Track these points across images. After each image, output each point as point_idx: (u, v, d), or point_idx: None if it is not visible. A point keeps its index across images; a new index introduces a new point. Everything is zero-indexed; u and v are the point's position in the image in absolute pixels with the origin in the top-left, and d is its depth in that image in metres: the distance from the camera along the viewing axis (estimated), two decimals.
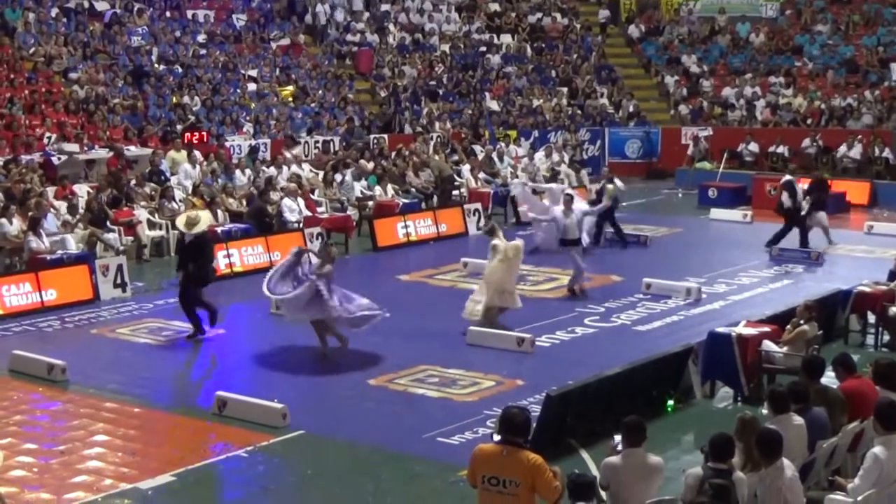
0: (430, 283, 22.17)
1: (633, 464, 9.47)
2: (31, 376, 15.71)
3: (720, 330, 15.48)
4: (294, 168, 28.16)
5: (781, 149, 34.87)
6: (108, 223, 23.03)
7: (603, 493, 9.51)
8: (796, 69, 39.22)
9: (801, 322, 15.12)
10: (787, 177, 25.82)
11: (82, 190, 24.72)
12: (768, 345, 14.97)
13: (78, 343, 17.72)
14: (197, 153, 27.45)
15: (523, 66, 39.80)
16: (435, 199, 29.13)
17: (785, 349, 14.93)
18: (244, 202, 25.52)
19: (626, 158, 37.39)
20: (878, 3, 41.19)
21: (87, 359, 16.64)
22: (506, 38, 41.31)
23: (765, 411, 10.70)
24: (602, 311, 19.37)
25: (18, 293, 19.41)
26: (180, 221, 18.35)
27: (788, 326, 15.18)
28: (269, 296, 16.97)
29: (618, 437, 9.70)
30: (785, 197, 24.65)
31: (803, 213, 24.77)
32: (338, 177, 27.91)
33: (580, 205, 21.93)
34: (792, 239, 24.48)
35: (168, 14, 36.37)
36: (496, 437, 8.85)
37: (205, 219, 18.54)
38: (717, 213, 29.53)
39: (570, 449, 12.71)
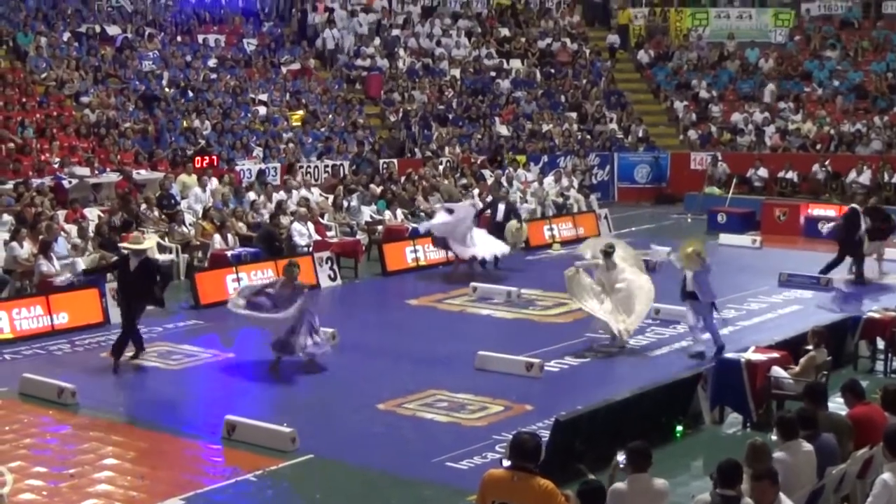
0: (440, 308, 22.16)
1: (639, 489, 9.46)
2: (41, 399, 15.72)
3: (729, 356, 15.50)
4: (303, 192, 28.19)
5: (791, 174, 34.93)
6: (118, 247, 23.07)
7: None
8: (805, 94, 39.29)
9: (811, 348, 15.13)
10: (854, 206, 25.30)
11: (93, 213, 24.79)
12: (777, 371, 14.97)
13: (88, 366, 17.71)
14: (214, 179, 27.49)
15: (533, 91, 39.90)
16: None
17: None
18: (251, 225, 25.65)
19: (636, 183, 37.49)
20: (887, 30, 41.30)
21: (96, 382, 16.67)
22: (515, 63, 41.42)
23: (774, 437, 10.69)
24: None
25: (29, 316, 19.45)
26: (128, 242, 18.79)
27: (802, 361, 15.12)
28: (243, 310, 17.32)
29: (621, 456, 9.71)
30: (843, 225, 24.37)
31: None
32: (346, 202, 27.97)
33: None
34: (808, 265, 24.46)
35: (179, 39, 36.57)
36: (505, 463, 8.84)
37: (148, 243, 19.21)
38: (726, 238, 29.49)
39: (579, 474, 12.64)
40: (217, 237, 24.12)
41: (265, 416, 14.73)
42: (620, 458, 9.69)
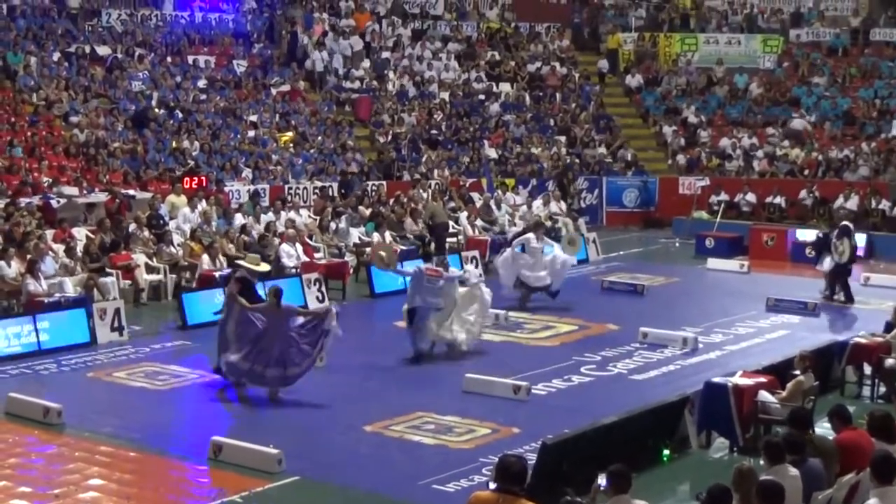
0: None
1: None
2: (26, 419, 15.65)
3: (716, 380, 15.48)
4: (291, 213, 28.14)
5: (778, 199, 35.02)
6: (106, 267, 23.05)
7: None
8: (793, 120, 39.42)
9: (798, 372, 15.14)
10: None
11: (81, 233, 24.76)
12: (764, 395, 14.98)
13: (74, 386, 17.67)
14: (203, 201, 27.47)
15: (522, 115, 39.98)
16: (432, 246, 29.09)
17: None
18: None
19: (624, 208, 37.54)
20: (875, 56, 41.51)
21: (83, 402, 16.61)
22: (505, 87, 41.52)
23: (761, 462, 10.70)
24: (598, 359, 19.36)
25: (16, 336, 19.37)
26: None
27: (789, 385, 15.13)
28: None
29: (602, 479, 9.72)
30: None
31: None
32: (334, 224, 27.96)
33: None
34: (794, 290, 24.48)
35: (169, 59, 36.57)
36: (492, 485, 8.84)
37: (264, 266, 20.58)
38: (713, 262, 29.51)
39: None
40: (205, 258, 24.10)
41: (251, 437, 14.66)
42: (601, 480, 9.71)
